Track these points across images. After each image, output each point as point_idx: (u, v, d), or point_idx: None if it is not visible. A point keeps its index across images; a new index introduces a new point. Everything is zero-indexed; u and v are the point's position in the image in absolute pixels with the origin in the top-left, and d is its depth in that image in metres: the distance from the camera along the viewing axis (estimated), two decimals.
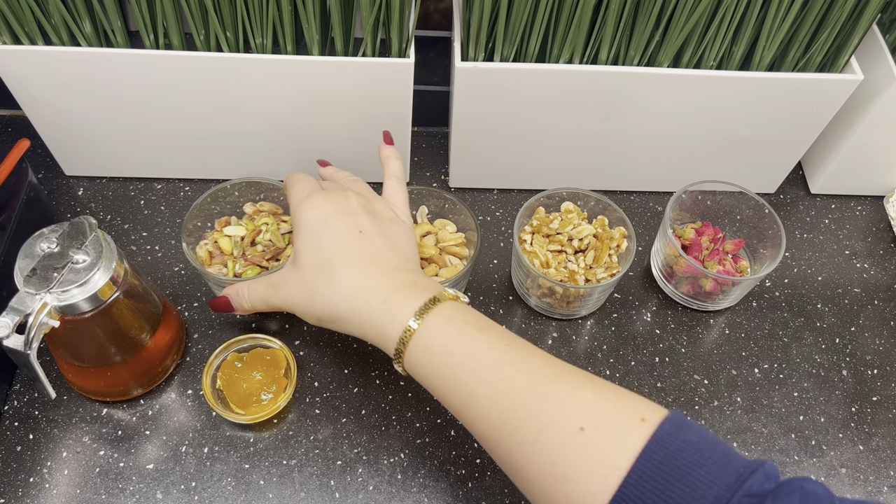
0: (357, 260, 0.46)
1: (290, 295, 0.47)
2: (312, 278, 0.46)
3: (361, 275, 0.45)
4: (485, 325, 0.43)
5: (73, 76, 0.56)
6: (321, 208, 0.48)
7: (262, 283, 0.50)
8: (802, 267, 0.67)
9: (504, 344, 0.42)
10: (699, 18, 0.55)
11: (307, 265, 0.46)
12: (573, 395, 0.39)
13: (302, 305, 0.47)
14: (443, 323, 0.42)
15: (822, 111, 0.62)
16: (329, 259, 0.46)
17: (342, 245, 0.46)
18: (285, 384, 0.54)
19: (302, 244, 0.47)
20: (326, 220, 0.47)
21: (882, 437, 0.57)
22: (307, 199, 0.48)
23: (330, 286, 0.45)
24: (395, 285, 0.44)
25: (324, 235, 0.47)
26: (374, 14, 0.54)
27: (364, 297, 0.44)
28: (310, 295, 0.46)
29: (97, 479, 0.51)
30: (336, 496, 0.51)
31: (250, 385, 0.53)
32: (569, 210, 0.63)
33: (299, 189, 0.50)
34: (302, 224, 0.48)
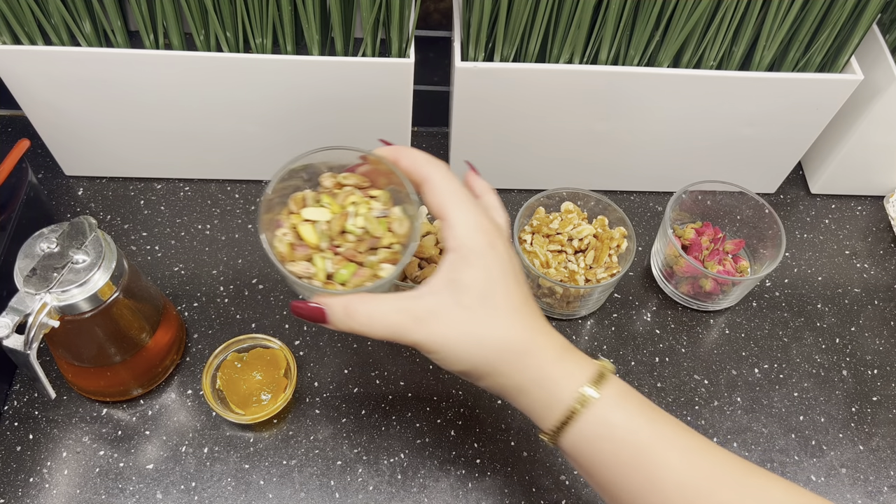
0: (527, 313, 0.39)
1: (444, 333, 0.38)
2: (478, 320, 0.38)
3: (534, 330, 0.39)
4: (656, 407, 0.39)
5: (73, 76, 0.56)
6: (498, 248, 0.40)
7: (393, 306, 0.39)
8: (802, 267, 0.67)
9: (683, 428, 0.38)
10: (699, 18, 0.55)
11: (473, 304, 0.38)
12: (767, 493, 0.36)
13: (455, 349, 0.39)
14: (621, 396, 0.38)
15: (823, 111, 0.62)
16: (501, 305, 0.39)
17: (515, 294, 0.39)
18: (285, 384, 0.54)
19: (473, 278, 0.39)
20: (503, 264, 0.40)
21: (882, 437, 0.57)
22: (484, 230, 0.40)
23: (499, 333, 0.38)
24: (562, 346, 0.40)
25: (500, 279, 0.39)
26: (374, 14, 0.54)
27: (535, 353, 0.39)
28: (471, 339, 0.38)
29: (97, 479, 0.51)
30: (336, 496, 0.51)
31: (250, 385, 0.53)
32: (569, 210, 0.63)
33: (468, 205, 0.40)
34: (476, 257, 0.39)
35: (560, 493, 0.52)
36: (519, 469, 0.53)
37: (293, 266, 0.42)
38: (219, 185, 0.68)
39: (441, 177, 0.41)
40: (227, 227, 0.65)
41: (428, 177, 0.41)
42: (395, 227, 0.44)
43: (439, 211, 0.41)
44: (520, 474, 0.53)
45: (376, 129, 0.62)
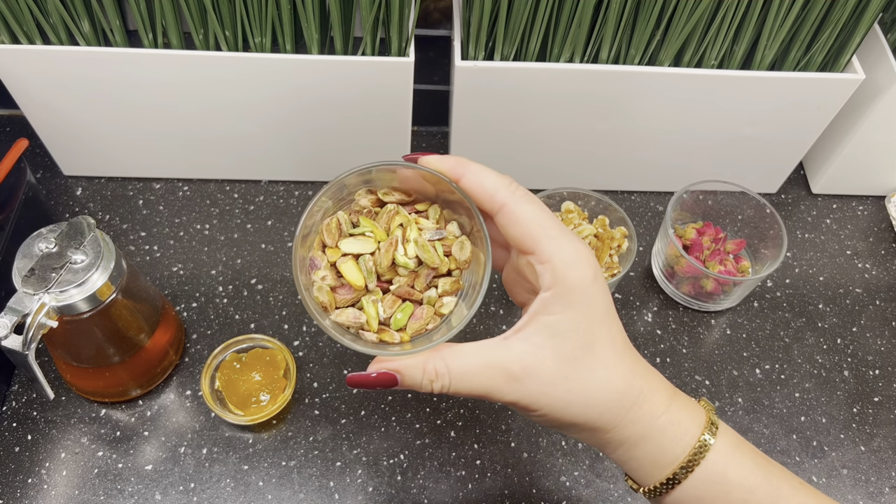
0: (624, 341, 0.35)
1: (543, 393, 0.33)
2: (581, 375, 0.33)
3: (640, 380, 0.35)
4: (769, 458, 0.36)
5: (71, 75, 0.56)
6: (600, 280, 0.34)
7: (481, 364, 0.34)
8: (804, 267, 0.67)
9: (798, 483, 0.35)
10: (700, 17, 0.55)
11: (573, 355, 0.33)
12: None
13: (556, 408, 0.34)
14: (736, 448, 0.35)
15: (824, 111, 0.62)
16: (603, 354, 0.34)
17: (618, 338, 0.35)
18: (284, 385, 0.54)
19: (575, 324, 0.33)
20: (607, 298, 0.34)
21: (884, 438, 0.57)
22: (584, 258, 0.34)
23: (606, 389, 0.34)
24: (665, 385, 0.35)
25: (605, 321, 0.34)
26: (374, 13, 0.53)
27: (646, 406, 0.34)
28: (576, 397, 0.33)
29: (96, 479, 0.51)
30: (335, 497, 0.51)
31: (249, 386, 0.53)
32: (569, 210, 0.62)
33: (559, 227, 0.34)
34: (580, 296, 0.33)
35: (560, 495, 0.52)
36: (519, 470, 0.53)
37: (338, 316, 0.35)
38: (218, 185, 0.68)
39: (523, 202, 0.34)
40: (226, 226, 0.65)
41: (506, 203, 0.34)
42: (455, 250, 0.37)
43: (526, 243, 0.34)
44: (520, 475, 0.53)
45: (376, 129, 0.62)
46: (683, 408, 0.35)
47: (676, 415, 0.35)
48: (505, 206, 0.34)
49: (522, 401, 0.34)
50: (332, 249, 0.36)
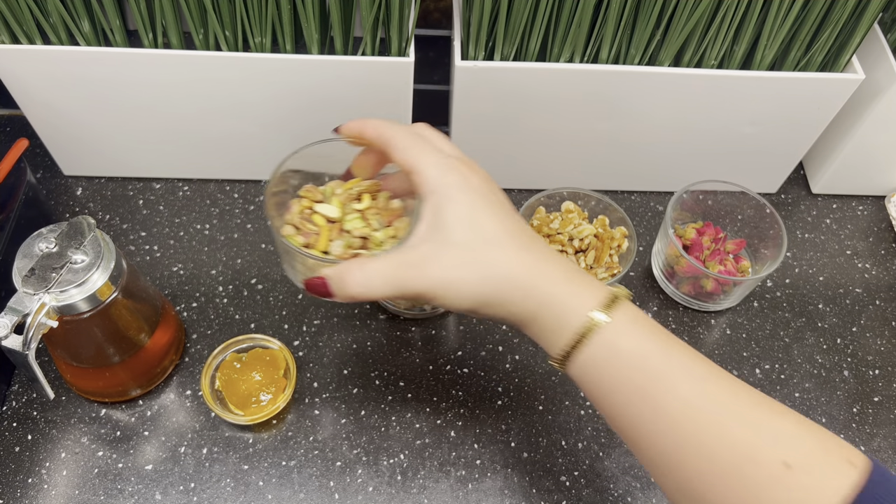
0: (524, 240, 0.40)
1: (444, 275, 0.39)
2: (476, 256, 0.39)
3: (535, 256, 0.39)
4: (670, 333, 0.39)
5: (71, 75, 0.56)
6: (471, 179, 0.41)
7: (386, 263, 0.40)
8: (804, 267, 0.67)
9: (696, 356, 0.38)
10: (700, 17, 0.55)
11: (464, 240, 0.39)
12: (776, 424, 0.35)
13: (459, 287, 0.39)
14: (630, 322, 0.38)
15: (824, 111, 0.62)
16: (493, 236, 0.39)
17: (504, 222, 0.40)
18: (284, 385, 0.54)
19: (455, 216, 0.39)
20: (483, 194, 0.40)
21: (884, 438, 0.57)
22: (451, 166, 0.41)
23: (501, 264, 0.39)
24: (569, 265, 0.40)
25: (482, 210, 0.40)
26: (374, 13, 0.53)
27: (542, 279, 0.38)
28: (473, 275, 0.38)
29: (96, 479, 0.51)
30: (336, 497, 0.51)
31: (249, 386, 0.53)
32: (569, 210, 0.62)
33: (429, 151, 0.42)
34: (454, 195, 0.40)
35: (560, 495, 0.52)
36: (519, 470, 0.53)
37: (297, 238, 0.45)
38: (218, 185, 0.68)
39: (402, 134, 0.43)
40: (227, 226, 0.65)
41: (391, 138, 0.43)
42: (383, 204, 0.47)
43: (407, 164, 0.42)
44: (520, 475, 0.53)
45: None
46: (585, 286, 0.39)
47: (576, 289, 0.38)
48: (390, 141, 0.43)
49: (425, 287, 0.39)
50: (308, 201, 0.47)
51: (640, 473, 0.54)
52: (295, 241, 0.46)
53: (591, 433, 0.55)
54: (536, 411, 0.56)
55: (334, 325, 0.59)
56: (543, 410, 0.56)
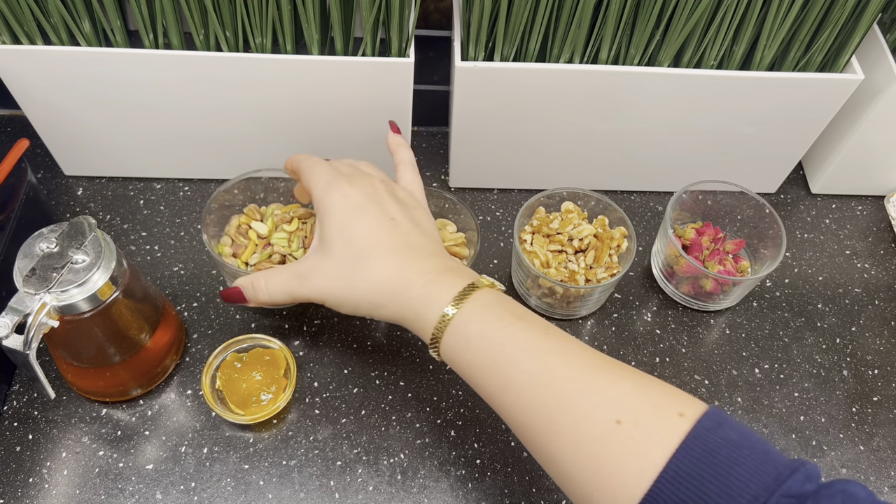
0: (394, 247, 0.45)
1: (323, 284, 0.46)
2: (349, 267, 0.45)
3: (401, 261, 0.45)
4: (523, 314, 0.43)
5: (72, 76, 0.56)
6: (350, 195, 0.47)
7: (284, 274, 0.48)
8: (803, 267, 0.67)
9: (543, 332, 0.41)
10: (700, 18, 0.55)
11: (339, 252, 0.46)
12: (612, 387, 0.38)
13: (338, 294, 0.46)
14: (481, 309, 0.42)
15: (823, 111, 0.62)
16: (366, 247, 0.45)
17: (377, 232, 0.46)
18: (285, 384, 0.54)
19: (333, 232, 0.46)
20: (358, 207, 0.46)
21: (883, 438, 0.57)
22: (334, 185, 0.47)
23: (370, 273, 0.45)
24: (433, 270, 0.44)
25: (357, 223, 0.46)
26: (374, 13, 0.53)
27: (405, 282, 0.44)
28: (347, 283, 0.45)
29: (96, 479, 0.51)
30: (336, 497, 0.51)
31: (250, 385, 0.53)
32: (569, 210, 0.62)
33: (319, 172, 0.49)
34: (331, 211, 0.46)
35: (560, 494, 0.52)
36: (519, 469, 0.53)
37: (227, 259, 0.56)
38: (218, 185, 0.68)
39: (305, 162, 0.51)
40: None
41: (300, 169, 0.51)
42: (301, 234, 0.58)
43: (307, 187, 0.50)
44: (520, 475, 0.53)
45: (376, 129, 0.62)
46: (445, 283, 0.43)
47: (435, 289, 0.43)
48: (298, 169, 0.52)
49: (310, 294, 0.47)
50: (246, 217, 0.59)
51: None
52: (224, 250, 0.57)
53: None
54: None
55: (334, 325, 0.60)
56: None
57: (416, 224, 0.48)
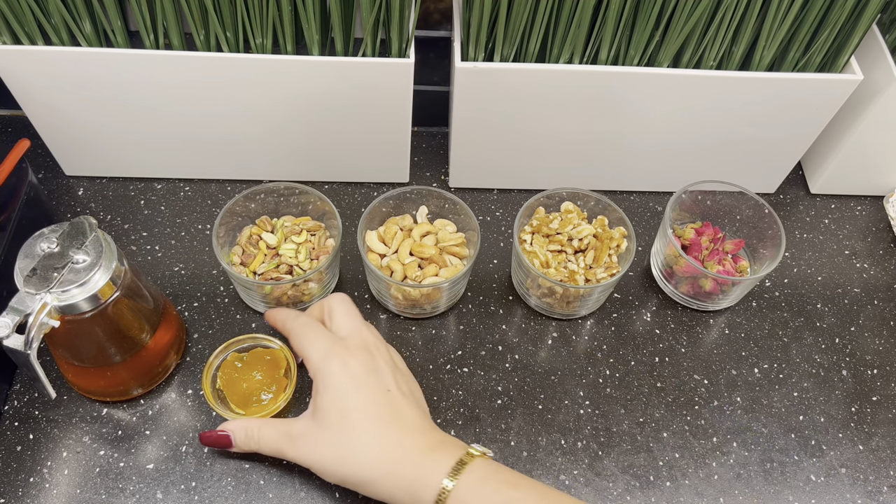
0: (387, 422, 0.45)
1: (311, 452, 0.46)
2: (339, 439, 0.45)
3: (392, 438, 0.45)
4: (518, 481, 0.43)
5: (73, 76, 0.56)
6: (350, 366, 0.47)
7: (276, 430, 0.48)
8: (802, 267, 0.67)
9: (538, 498, 0.42)
10: (699, 18, 0.55)
11: (332, 424, 0.45)
12: None
13: (325, 465, 0.46)
14: (478, 482, 0.42)
15: (822, 111, 0.62)
16: (358, 421, 0.45)
17: (372, 406, 0.45)
18: (285, 384, 0.54)
19: (328, 401, 0.46)
20: (356, 380, 0.46)
21: (882, 437, 0.57)
22: (332, 354, 0.47)
23: (359, 449, 0.44)
24: (425, 446, 0.44)
25: (352, 395, 0.46)
26: (374, 14, 0.54)
27: (397, 461, 0.44)
28: (336, 456, 0.45)
29: (97, 478, 0.51)
30: (336, 496, 0.51)
31: (250, 385, 0.53)
32: (569, 210, 0.63)
33: (316, 339, 0.48)
34: (329, 381, 0.46)
35: None
36: (519, 469, 0.53)
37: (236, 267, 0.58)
38: (219, 185, 0.68)
39: (296, 323, 0.50)
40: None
41: (289, 330, 0.51)
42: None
43: (300, 353, 0.49)
44: None
45: (376, 130, 0.62)
46: (434, 460, 0.43)
47: (426, 467, 0.43)
48: (289, 332, 0.51)
49: (298, 458, 0.47)
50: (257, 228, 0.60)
51: (639, 472, 0.54)
52: (233, 259, 0.59)
53: (590, 432, 0.56)
54: (536, 410, 0.56)
55: None
56: (543, 410, 0.57)
57: (409, 395, 0.48)
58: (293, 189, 0.60)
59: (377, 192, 0.67)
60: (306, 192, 0.60)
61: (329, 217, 0.60)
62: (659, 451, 0.55)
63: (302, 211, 0.62)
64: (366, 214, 0.59)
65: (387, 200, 0.60)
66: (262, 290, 0.56)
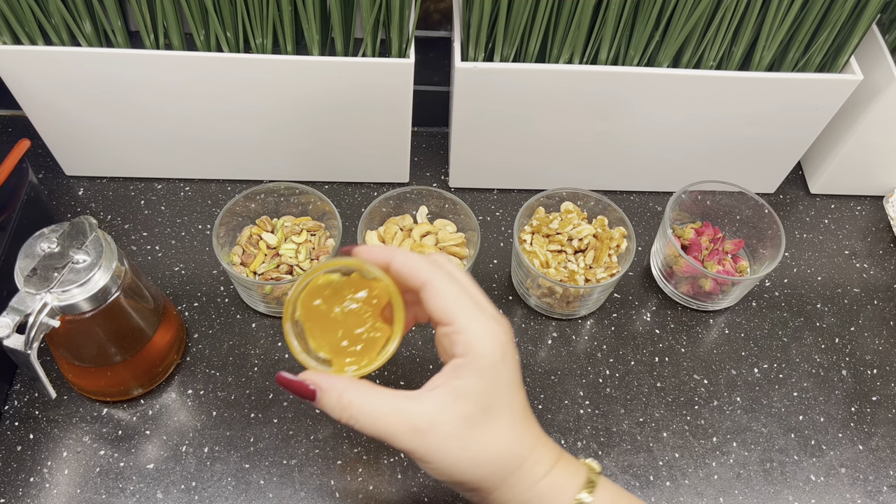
0: (523, 409, 0.39)
1: (441, 448, 0.36)
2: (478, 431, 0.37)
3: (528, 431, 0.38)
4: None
5: (73, 76, 0.56)
6: (508, 359, 0.38)
7: (390, 411, 0.37)
8: (802, 267, 0.67)
9: None
10: (699, 18, 0.55)
11: (475, 418, 0.37)
12: None
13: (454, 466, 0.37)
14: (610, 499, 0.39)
15: (822, 111, 0.62)
16: (499, 407, 0.37)
17: (519, 410, 0.38)
18: (389, 332, 0.40)
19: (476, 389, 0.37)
20: (513, 376, 0.38)
21: (882, 437, 0.57)
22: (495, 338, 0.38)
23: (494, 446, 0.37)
24: (554, 450, 0.39)
25: (506, 392, 0.38)
26: (374, 14, 0.54)
27: (530, 464, 0.38)
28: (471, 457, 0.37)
29: (97, 478, 0.51)
30: (336, 496, 0.51)
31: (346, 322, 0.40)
32: (569, 210, 0.63)
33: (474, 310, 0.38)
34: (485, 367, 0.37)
35: None
36: None
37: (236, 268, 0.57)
38: (219, 185, 0.68)
39: (443, 280, 0.38)
40: None
41: (428, 280, 0.38)
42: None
43: (445, 316, 0.38)
44: None
45: (376, 130, 0.62)
46: (566, 472, 0.39)
47: (559, 478, 0.38)
48: (427, 283, 0.38)
49: (419, 451, 0.37)
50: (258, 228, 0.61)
51: (639, 472, 0.54)
52: (233, 259, 0.58)
53: (590, 432, 0.56)
54: (536, 410, 0.56)
55: None
56: (543, 409, 0.57)
57: None
58: (293, 189, 0.60)
59: (377, 192, 0.67)
60: (306, 192, 0.60)
61: (329, 217, 0.60)
62: (659, 451, 0.55)
63: (302, 211, 0.62)
64: (366, 214, 0.59)
65: (387, 200, 0.60)
66: (262, 290, 0.56)
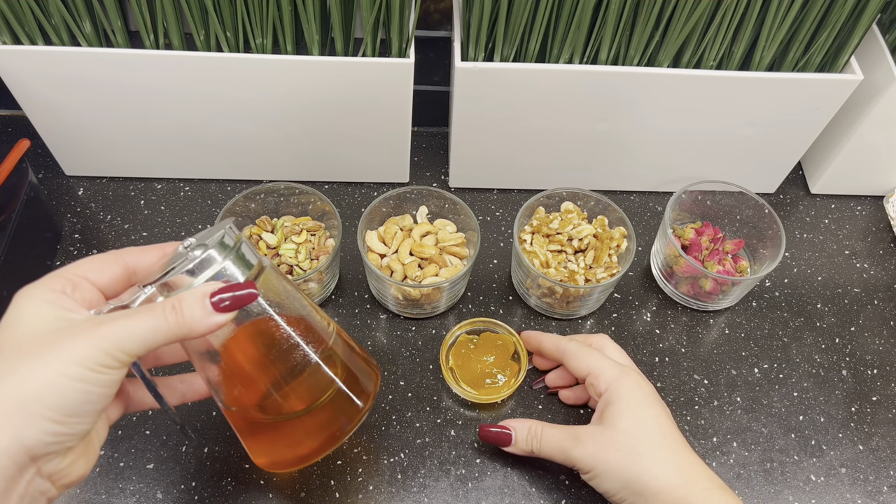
0: (679, 443, 0.48)
1: (600, 452, 0.47)
2: (634, 444, 0.47)
3: (685, 457, 0.47)
4: None
5: (73, 76, 0.56)
6: (643, 386, 0.50)
7: (561, 432, 0.50)
8: (802, 267, 0.67)
9: None
10: (699, 18, 0.55)
11: (629, 430, 0.47)
12: None
13: (610, 466, 0.47)
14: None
15: (822, 111, 0.62)
16: (653, 431, 0.48)
17: (665, 425, 0.48)
18: (517, 369, 0.56)
19: (621, 408, 0.48)
20: (648, 399, 0.49)
21: (882, 437, 0.57)
22: (625, 373, 0.50)
23: (656, 457, 0.46)
24: (708, 474, 0.47)
25: (647, 410, 0.49)
26: (374, 14, 0.54)
27: (689, 479, 0.46)
28: (629, 460, 0.46)
29: (97, 478, 0.51)
30: (336, 496, 0.51)
31: (483, 366, 0.56)
32: (569, 210, 0.63)
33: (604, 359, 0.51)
34: (625, 393, 0.49)
35: (560, 493, 0.53)
36: (518, 469, 0.53)
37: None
38: (219, 185, 0.68)
39: (573, 345, 0.53)
40: None
41: (566, 350, 0.53)
42: None
43: (585, 369, 0.51)
44: (519, 474, 0.53)
45: (376, 129, 0.62)
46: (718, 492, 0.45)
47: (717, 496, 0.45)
48: (566, 352, 0.53)
49: (584, 456, 0.48)
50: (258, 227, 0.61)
51: None
52: None
53: None
54: (536, 410, 0.56)
55: None
56: (543, 409, 0.57)
57: None
58: (293, 189, 0.60)
59: (377, 192, 0.67)
60: (306, 192, 0.60)
61: (329, 217, 0.60)
62: None
63: (302, 211, 0.62)
64: (366, 214, 0.59)
65: (387, 200, 0.60)
66: None
